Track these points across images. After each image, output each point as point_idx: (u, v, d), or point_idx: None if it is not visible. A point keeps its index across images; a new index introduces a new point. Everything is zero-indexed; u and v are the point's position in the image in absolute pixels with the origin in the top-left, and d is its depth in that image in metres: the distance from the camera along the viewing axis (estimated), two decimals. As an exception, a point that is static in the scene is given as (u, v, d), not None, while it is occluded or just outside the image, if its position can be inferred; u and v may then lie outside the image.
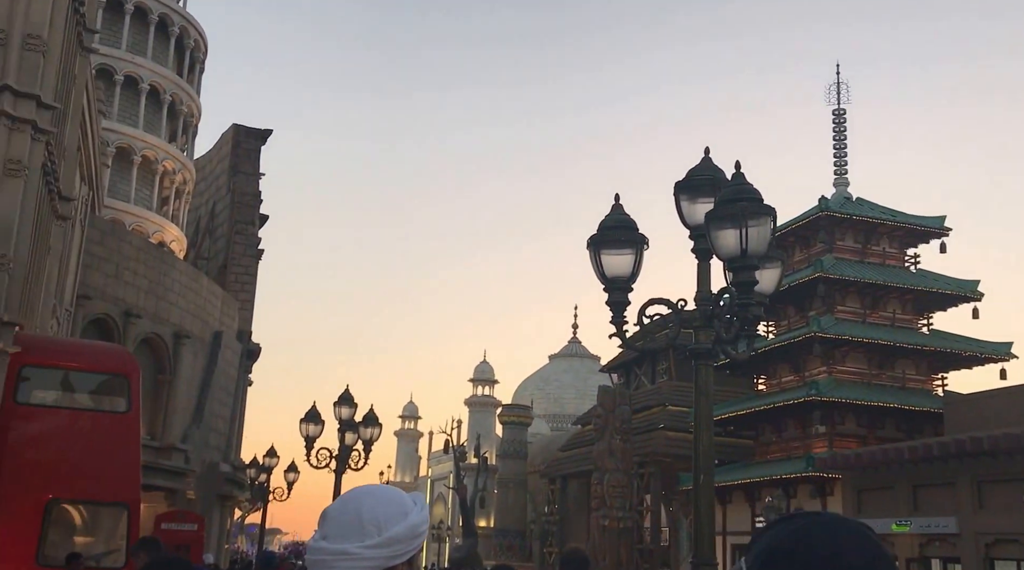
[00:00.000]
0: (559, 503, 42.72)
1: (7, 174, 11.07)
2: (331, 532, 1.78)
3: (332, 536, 1.77)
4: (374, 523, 1.76)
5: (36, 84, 11.57)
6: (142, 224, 30.58)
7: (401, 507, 1.82)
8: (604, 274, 6.86)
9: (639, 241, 6.88)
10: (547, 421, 64.87)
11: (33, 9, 11.66)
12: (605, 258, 6.86)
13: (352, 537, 1.75)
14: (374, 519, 1.77)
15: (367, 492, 1.85)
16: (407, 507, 1.83)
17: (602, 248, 6.85)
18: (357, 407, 14.96)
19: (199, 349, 25.88)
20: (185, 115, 33.93)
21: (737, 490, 31.19)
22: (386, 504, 1.81)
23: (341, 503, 1.83)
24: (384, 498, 1.83)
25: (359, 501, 1.81)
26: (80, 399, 11.76)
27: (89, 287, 21.15)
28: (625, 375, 42.72)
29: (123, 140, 30.40)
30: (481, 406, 68.75)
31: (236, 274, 32.76)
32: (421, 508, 1.86)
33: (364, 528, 1.76)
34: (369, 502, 1.81)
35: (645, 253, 6.92)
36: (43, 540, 10.23)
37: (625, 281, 6.83)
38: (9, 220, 10.91)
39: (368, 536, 1.75)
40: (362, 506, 1.80)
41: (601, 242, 6.86)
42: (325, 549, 1.76)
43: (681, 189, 7.24)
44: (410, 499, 1.86)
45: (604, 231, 6.91)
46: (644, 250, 6.91)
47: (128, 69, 31.19)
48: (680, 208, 7.21)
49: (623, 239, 6.88)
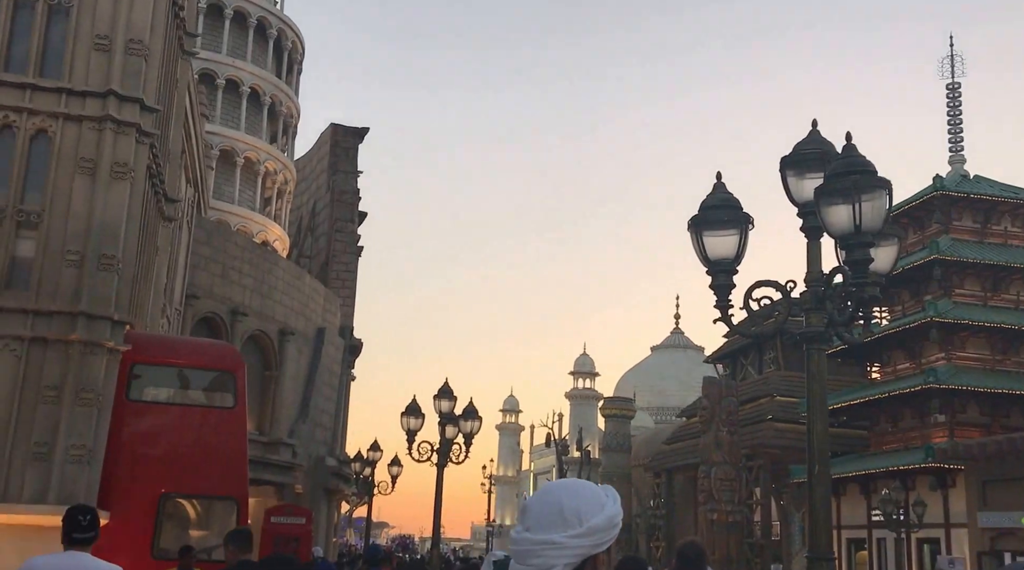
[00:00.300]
0: (665, 497, 42.06)
1: (114, 177, 11.35)
2: (534, 524, 1.89)
3: (535, 527, 1.89)
4: (575, 514, 1.88)
5: (139, 88, 11.83)
6: (246, 224, 31.41)
7: (598, 499, 1.93)
8: (707, 256, 6.49)
9: (743, 220, 6.48)
10: (650, 414, 64.09)
11: (135, 15, 11.93)
12: (707, 239, 6.49)
13: (555, 528, 1.87)
14: (575, 511, 1.88)
15: (564, 486, 1.97)
16: (602, 499, 1.93)
17: (704, 229, 6.49)
18: (457, 400, 14.92)
19: (303, 345, 26.42)
20: (285, 116, 34.68)
21: (851, 482, 30.04)
22: (584, 497, 1.92)
23: (541, 497, 1.95)
24: (581, 491, 1.94)
25: (558, 495, 1.93)
26: (188, 395, 12.03)
27: (197, 287, 21.79)
28: (731, 366, 41.71)
29: (226, 142, 31.26)
30: (582, 399, 68.40)
31: (337, 271, 33.35)
32: (615, 500, 1.97)
33: (566, 519, 1.87)
34: (568, 495, 1.92)
35: (750, 233, 6.54)
36: (157, 534, 10.45)
37: (729, 263, 6.45)
38: (117, 222, 11.19)
39: (571, 526, 1.87)
40: (562, 499, 1.91)
41: (703, 223, 6.49)
42: (530, 539, 1.88)
43: (788, 164, 6.81)
44: (603, 492, 1.97)
45: (706, 211, 6.55)
46: (749, 230, 6.52)
47: (229, 73, 32.04)
48: (787, 184, 6.78)
49: (726, 219, 6.50)
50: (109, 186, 11.26)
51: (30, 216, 10.92)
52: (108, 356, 10.61)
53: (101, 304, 10.66)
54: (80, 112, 11.38)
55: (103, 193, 11.16)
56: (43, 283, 10.68)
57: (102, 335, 10.56)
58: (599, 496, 1.94)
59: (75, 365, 10.38)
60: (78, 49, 11.59)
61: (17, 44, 11.53)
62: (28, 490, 9.94)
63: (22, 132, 11.15)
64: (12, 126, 11.18)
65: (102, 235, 10.99)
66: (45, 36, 11.56)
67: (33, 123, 11.24)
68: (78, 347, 10.41)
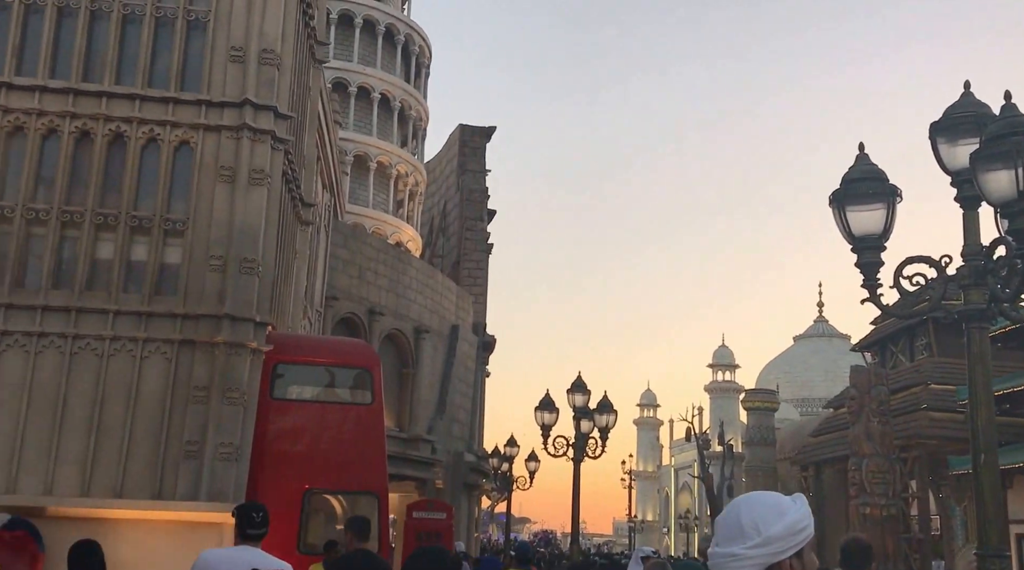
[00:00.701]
0: (813, 491, 40.52)
1: (252, 183, 11.71)
2: (720, 538, 2.04)
3: (721, 542, 2.03)
4: (752, 526, 1.98)
5: (272, 96, 12.16)
6: (380, 226, 32.19)
7: (777, 508, 2.02)
8: (851, 233, 6.08)
9: (890, 192, 6.03)
10: (795, 405, 62.04)
11: (266, 26, 12.28)
12: (851, 215, 6.07)
13: (736, 540, 1.99)
14: (752, 522, 1.99)
15: (745, 499, 2.09)
16: (784, 508, 2.02)
17: (847, 204, 6.08)
18: (591, 394, 14.74)
19: (438, 343, 26.83)
20: (414, 119, 35.34)
21: (1019, 474, 28.08)
22: (761, 507, 2.03)
23: (726, 512, 2.09)
24: (759, 503, 2.05)
25: (738, 508, 2.06)
26: (328, 393, 12.33)
27: (336, 288, 22.46)
28: (879, 353, 39.76)
29: (359, 148, 32.11)
30: (722, 392, 66.89)
31: (468, 269, 33.75)
32: (800, 507, 2.04)
33: (744, 531, 1.99)
34: (746, 508, 2.04)
35: (898, 206, 6.07)
36: (303, 529, 10.71)
37: (876, 239, 6.01)
38: (255, 227, 11.53)
39: (748, 538, 1.97)
40: (740, 512, 2.03)
41: (846, 197, 6.08)
42: (718, 553, 2.02)
43: (938, 130, 6.30)
44: (788, 500, 2.06)
45: (848, 184, 6.13)
46: (896, 203, 6.06)
47: (360, 80, 32.89)
48: (938, 152, 6.27)
49: (871, 192, 6.07)
50: (248, 192, 11.62)
51: (176, 224, 11.41)
52: (251, 356, 10.97)
53: (243, 306, 11.02)
54: (219, 122, 11.79)
55: (242, 199, 11.53)
56: (189, 288, 11.14)
57: (245, 336, 10.92)
58: (780, 505, 2.02)
59: (221, 365, 10.78)
60: (215, 62, 12.02)
61: (159, 61, 12.07)
62: (181, 487, 10.38)
63: (166, 144, 11.66)
64: (157, 139, 11.70)
65: (243, 240, 11.36)
66: (184, 51, 12.05)
67: (176, 135, 11.73)
68: (223, 348, 10.80)
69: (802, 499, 2.09)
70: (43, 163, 11.35)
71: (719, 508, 46.25)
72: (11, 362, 10.50)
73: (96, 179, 11.32)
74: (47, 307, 10.74)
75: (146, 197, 11.47)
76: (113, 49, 11.74)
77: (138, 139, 11.56)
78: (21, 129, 11.31)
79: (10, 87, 11.27)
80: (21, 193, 11.09)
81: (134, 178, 11.46)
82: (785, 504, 2.04)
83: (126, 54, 11.89)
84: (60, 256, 11.20)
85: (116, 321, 10.86)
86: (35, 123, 11.31)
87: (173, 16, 12.06)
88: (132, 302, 10.97)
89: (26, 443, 10.27)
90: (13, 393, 10.37)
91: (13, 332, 10.58)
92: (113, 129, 11.51)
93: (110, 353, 10.73)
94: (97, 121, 11.45)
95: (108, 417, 10.50)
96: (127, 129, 11.53)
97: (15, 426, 10.28)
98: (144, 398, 10.64)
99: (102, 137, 11.45)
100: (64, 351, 10.64)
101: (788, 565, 1.99)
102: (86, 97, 11.48)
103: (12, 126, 11.28)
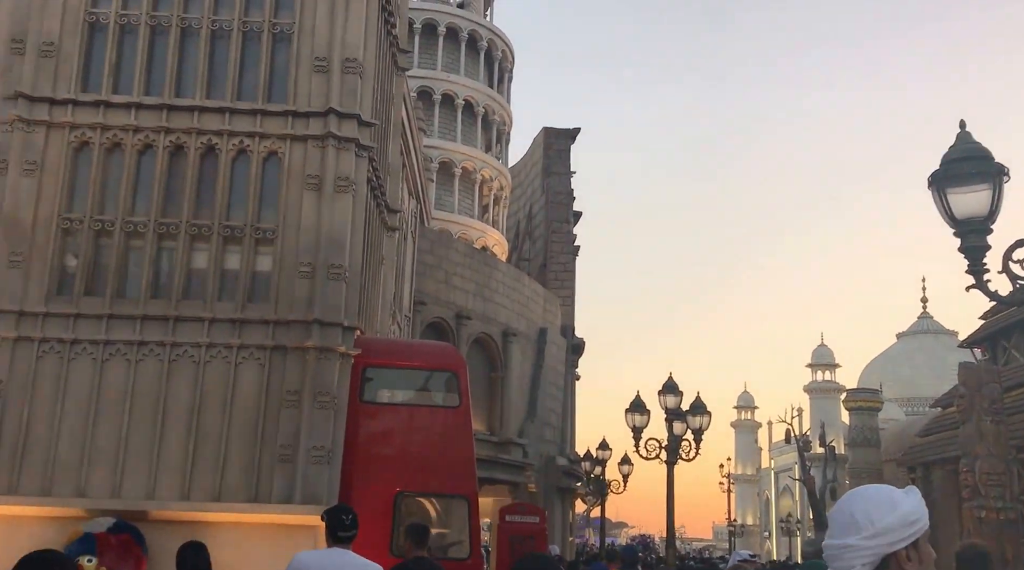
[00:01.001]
0: (922, 491, 38.97)
1: (337, 190, 11.86)
2: (835, 531, 2.11)
3: (835, 534, 2.11)
4: (865, 517, 2.05)
5: (356, 104, 12.30)
6: (466, 231, 32.39)
7: (889, 501, 2.07)
8: (952, 216, 5.73)
9: (996, 171, 5.66)
10: (899, 405, 59.94)
11: (348, 35, 12.44)
12: (953, 197, 5.72)
13: (850, 532, 2.05)
14: (865, 513, 2.05)
15: (856, 493, 2.17)
16: (896, 500, 2.08)
17: (948, 185, 5.73)
18: (683, 395, 14.43)
19: (526, 346, 26.78)
20: (498, 124, 35.48)
21: None
22: (873, 500, 2.09)
23: (838, 505, 2.16)
24: (870, 495, 2.11)
25: (851, 501, 2.12)
26: (416, 396, 12.39)
27: (424, 293, 22.65)
28: (990, 349, 37.95)
29: (444, 154, 32.40)
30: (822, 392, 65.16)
31: (555, 272, 33.65)
32: (913, 498, 2.10)
33: (857, 523, 2.05)
34: (859, 500, 2.11)
35: (1005, 186, 5.70)
36: (395, 532, 10.75)
37: (981, 221, 5.65)
38: (342, 233, 11.67)
39: (862, 529, 2.04)
40: (853, 504, 2.10)
41: (946, 178, 5.73)
42: (832, 545, 2.09)
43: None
44: (901, 493, 2.13)
45: (949, 165, 5.77)
46: (1004, 182, 5.69)
47: (444, 87, 33.21)
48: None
49: (975, 172, 5.70)
50: (334, 200, 11.78)
51: (266, 233, 11.63)
52: (340, 360, 11.09)
53: (332, 312, 11.16)
54: (304, 132, 11.99)
55: (328, 207, 11.69)
56: (280, 295, 11.34)
57: (334, 341, 11.05)
58: (891, 497, 2.08)
59: (311, 370, 10.93)
60: (300, 72, 12.23)
61: (247, 74, 12.34)
62: (276, 490, 10.55)
63: (255, 156, 11.91)
64: (247, 151, 11.96)
65: (330, 246, 11.51)
66: (271, 63, 12.30)
67: (265, 146, 11.97)
68: (313, 353, 10.95)
69: (915, 491, 2.14)
70: (140, 178, 11.72)
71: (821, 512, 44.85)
72: (114, 371, 10.86)
73: (190, 191, 11.63)
74: (146, 316, 11.07)
75: (237, 207, 11.74)
76: (203, 64, 12.06)
77: (228, 151, 11.83)
78: (119, 145, 11.71)
79: (108, 105, 11.68)
80: (120, 207, 11.47)
81: (225, 189, 11.73)
82: (897, 496, 2.09)
83: (215, 69, 12.20)
84: (158, 267, 11.54)
85: (212, 329, 11.13)
86: (131, 139, 11.70)
87: (259, 30, 12.33)
88: (226, 310, 11.22)
89: (129, 449, 10.60)
90: (116, 401, 10.72)
91: (115, 341, 10.94)
92: (205, 142, 11.81)
93: (206, 360, 11.00)
94: (190, 135, 11.77)
95: (205, 422, 10.76)
96: (218, 142, 11.82)
97: (118, 433, 10.62)
98: (239, 403, 10.87)
99: (195, 150, 11.76)
100: (163, 359, 10.95)
101: (904, 555, 2.04)
102: (179, 112, 11.82)
103: (110, 143, 11.69)
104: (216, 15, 12.27)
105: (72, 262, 11.37)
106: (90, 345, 10.88)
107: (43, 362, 10.78)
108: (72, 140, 11.56)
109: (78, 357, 10.85)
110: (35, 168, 11.29)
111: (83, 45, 11.87)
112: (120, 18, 12.03)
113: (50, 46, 11.67)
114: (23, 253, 11.00)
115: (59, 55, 11.69)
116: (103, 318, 10.98)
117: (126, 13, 12.07)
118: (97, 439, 10.58)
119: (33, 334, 10.78)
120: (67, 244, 11.42)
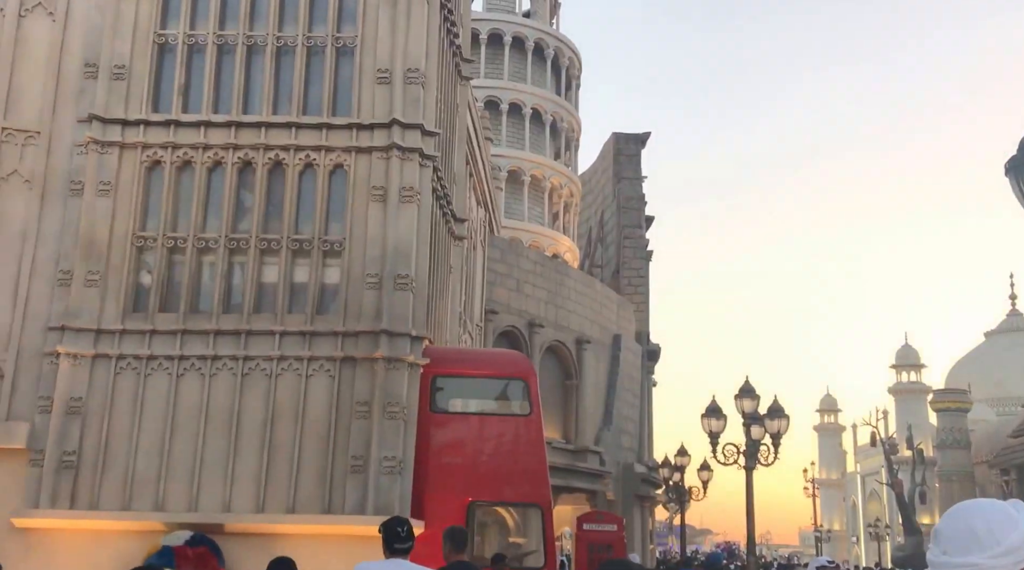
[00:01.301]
0: (1017, 495, 37.34)
1: (402, 201, 11.87)
2: (951, 548, 1.95)
3: (953, 551, 1.94)
4: (990, 535, 1.91)
5: (419, 114, 12.30)
6: (537, 239, 32.28)
7: (1008, 517, 1.94)
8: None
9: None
10: (989, 405, 57.69)
11: (410, 45, 12.46)
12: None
13: (973, 550, 1.91)
14: (988, 531, 1.91)
15: (971, 507, 2.01)
16: (1013, 516, 1.95)
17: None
18: (760, 399, 14.02)
19: (600, 353, 26.50)
20: (566, 131, 35.33)
21: None
22: (993, 516, 1.94)
23: (951, 521, 1.99)
24: (990, 510, 1.96)
25: (968, 516, 1.97)
26: (487, 404, 12.28)
27: (495, 302, 22.59)
28: (1086, 345, 36.26)
29: (513, 163, 32.39)
30: (908, 393, 63.23)
31: (628, 277, 33.29)
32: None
33: (981, 541, 1.91)
34: (978, 516, 1.96)
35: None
36: (470, 542, 10.64)
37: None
38: (408, 243, 11.66)
39: (988, 548, 1.90)
40: (973, 520, 1.95)
41: (1033, 162, 5.36)
42: (950, 563, 1.93)
43: None
44: (1012, 508, 1.99)
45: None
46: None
47: (511, 97, 33.22)
48: None
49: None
50: (399, 210, 11.79)
51: (333, 245, 11.70)
52: (409, 370, 11.07)
53: (400, 322, 11.14)
54: (369, 144, 12.03)
55: (394, 217, 11.70)
56: (348, 306, 11.38)
57: (403, 351, 11.03)
58: (1009, 513, 1.96)
59: (381, 380, 10.92)
60: (363, 85, 12.29)
61: (312, 88, 12.46)
62: (349, 501, 10.56)
63: (322, 169, 12.00)
64: (313, 164, 12.06)
65: (396, 257, 11.51)
66: (335, 77, 12.39)
67: (331, 159, 12.05)
68: (382, 363, 10.95)
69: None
70: (210, 194, 11.91)
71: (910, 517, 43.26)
72: (188, 385, 11.02)
73: (259, 206, 11.78)
74: (219, 331, 11.22)
75: (305, 220, 11.83)
76: (269, 81, 12.21)
77: (295, 165, 11.95)
78: (189, 163, 11.92)
79: (178, 124, 11.91)
80: (192, 224, 11.67)
81: (293, 203, 11.84)
82: (1012, 512, 1.97)
83: (281, 84, 12.35)
84: (229, 282, 11.69)
85: (282, 342, 11.22)
86: (201, 157, 11.90)
87: (323, 44, 12.43)
88: (296, 322, 11.30)
89: (204, 462, 10.73)
90: (191, 415, 10.88)
91: (189, 356, 11.11)
92: (272, 157, 11.95)
93: (278, 373, 11.09)
94: (257, 151, 11.92)
95: (278, 435, 10.84)
96: (285, 157, 11.94)
97: (194, 447, 10.77)
98: (311, 415, 10.92)
99: (262, 166, 11.90)
100: (236, 373, 11.08)
101: None
102: (246, 128, 11.99)
103: (181, 161, 11.91)
104: (281, 31, 12.42)
105: (147, 279, 11.60)
106: (165, 361, 11.07)
107: (120, 379, 11.01)
108: (144, 159, 11.81)
109: (154, 373, 11.05)
110: (110, 188, 11.56)
111: (153, 66, 12.14)
112: (188, 38, 12.27)
113: (121, 69, 11.96)
114: (99, 272, 11.26)
115: (130, 77, 11.97)
116: (177, 334, 11.17)
117: (193, 33, 12.30)
118: (173, 453, 10.75)
119: (110, 351, 11.02)
120: (142, 262, 11.66)
